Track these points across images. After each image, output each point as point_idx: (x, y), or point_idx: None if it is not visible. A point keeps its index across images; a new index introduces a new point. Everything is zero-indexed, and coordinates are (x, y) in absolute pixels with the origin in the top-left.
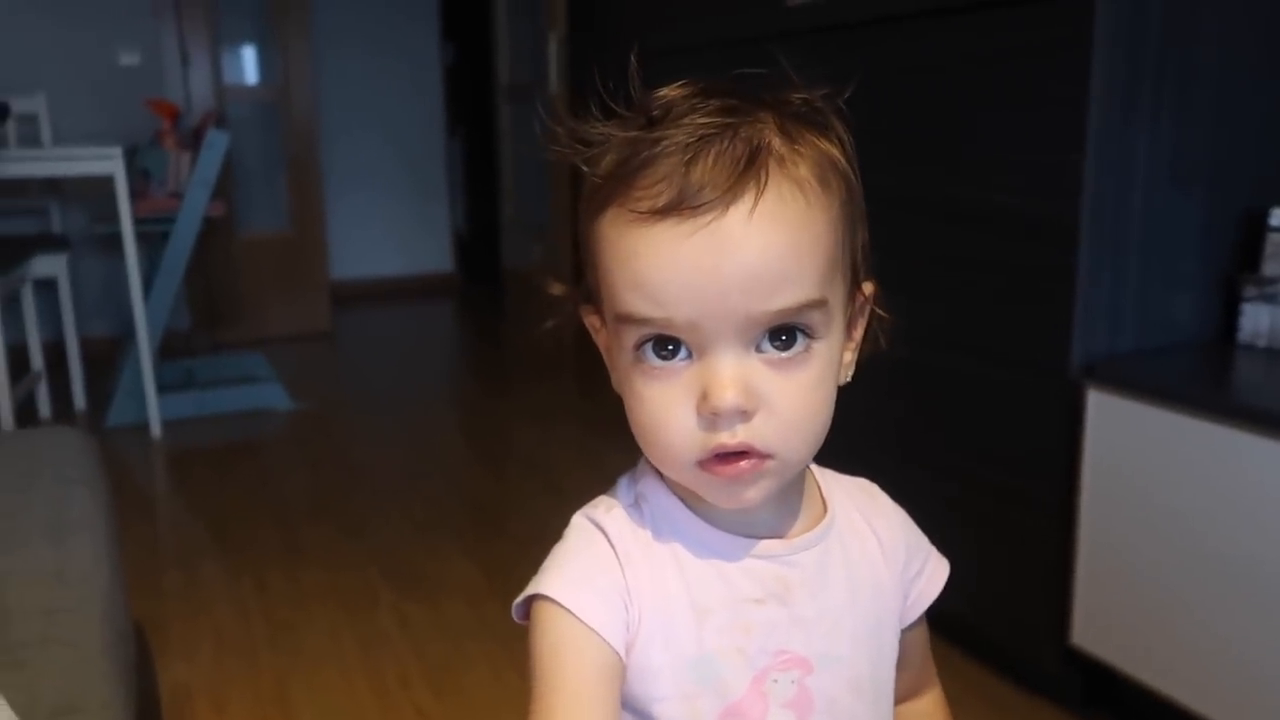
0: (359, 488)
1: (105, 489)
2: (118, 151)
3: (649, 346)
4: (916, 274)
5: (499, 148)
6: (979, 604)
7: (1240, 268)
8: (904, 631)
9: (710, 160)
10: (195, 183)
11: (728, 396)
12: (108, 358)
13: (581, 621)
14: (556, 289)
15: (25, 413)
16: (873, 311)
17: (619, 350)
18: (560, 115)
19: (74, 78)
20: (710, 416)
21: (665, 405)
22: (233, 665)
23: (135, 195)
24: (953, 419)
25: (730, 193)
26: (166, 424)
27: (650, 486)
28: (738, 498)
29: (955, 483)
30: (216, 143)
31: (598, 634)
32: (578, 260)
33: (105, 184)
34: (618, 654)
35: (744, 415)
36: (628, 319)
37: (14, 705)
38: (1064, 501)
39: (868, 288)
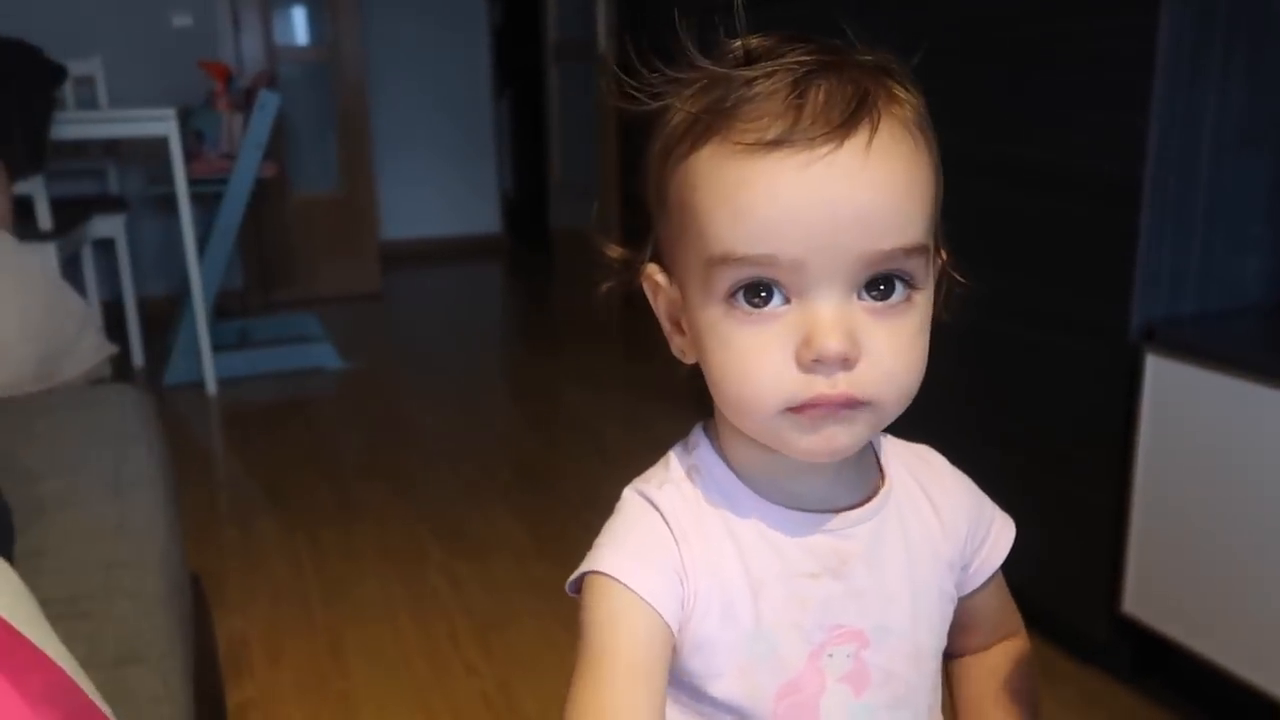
0: (409, 447)
1: (163, 445)
2: (171, 113)
3: (741, 293)
4: (972, 235)
5: (547, 109)
6: (1029, 569)
7: None
8: (972, 595)
9: (821, 95)
10: (248, 144)
11: (832, 342)
12: (165, 317)
13: (636, 594)
14: (615, 252)
15: None
16: (945, 280)
17: (705, 301)
18: (625, 67)
19: (129, 40)
20: (811, 364)
21: (758, 349)
22: (287, 618)
23: (189, 156)
24: (1007, 383)
25: (844, 128)
26: (221, 382)
27: (704, 458)
28: (828, 442)
29: (1008, 448)
30: (268, 104)
31: (652, 607)
32: (631, 221)
33: (161, 145)
34: (670, 628)
35: (846, 363)
36: (725, 260)
37: (76, 655)
38: (1119, 467)
39: (944, 254)
